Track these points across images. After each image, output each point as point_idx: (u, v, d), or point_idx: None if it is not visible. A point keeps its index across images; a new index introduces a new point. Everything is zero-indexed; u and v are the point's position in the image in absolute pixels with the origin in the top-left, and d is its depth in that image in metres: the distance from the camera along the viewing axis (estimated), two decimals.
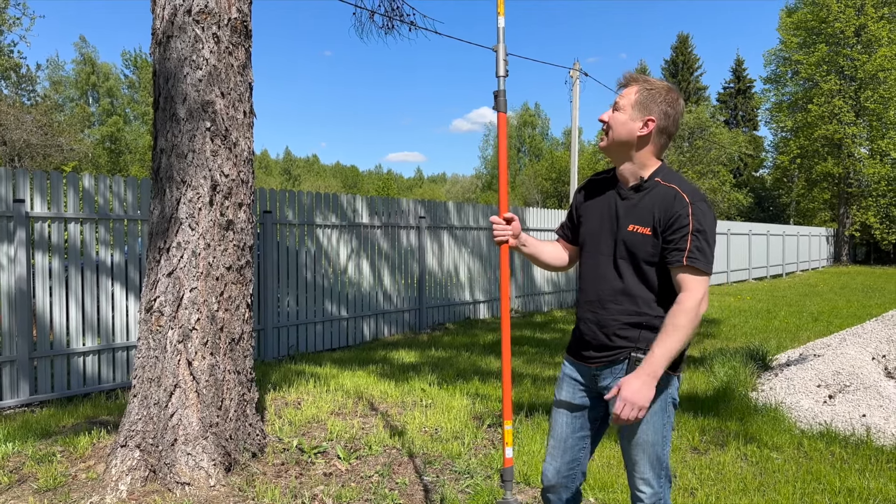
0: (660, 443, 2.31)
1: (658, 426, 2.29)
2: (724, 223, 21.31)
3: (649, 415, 2.25)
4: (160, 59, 3.80)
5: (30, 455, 4.13)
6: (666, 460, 2.34)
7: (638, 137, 2.28)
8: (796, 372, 6.14)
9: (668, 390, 2.31)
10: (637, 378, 2.16)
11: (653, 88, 2.29)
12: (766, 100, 40.64)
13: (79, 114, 43.84)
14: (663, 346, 2.15)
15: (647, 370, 2.15)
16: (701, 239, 2.18)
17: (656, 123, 2.27)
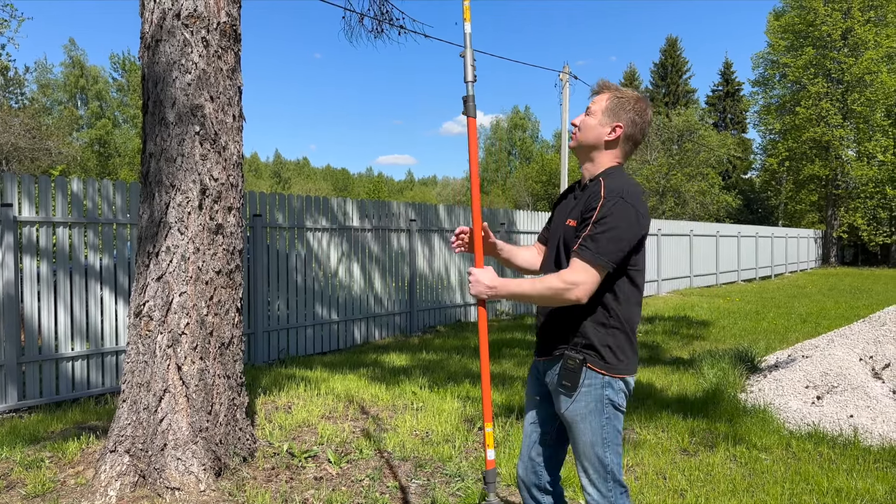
0: (599, 444, 2.30)
1: (595, 426, 2.29)
2: (713, 225, 21.43)
3: (584, 414, 2.29)
4: (149, 63, 3.79)
5: (18, 461, 4.10)
6: (612, 465, 2.31)
7: (605, 142, 2.38)
8: (785, 373, 6.18)
9: (603, 391, 2.30)
10: (490, 272, 2.36)
11: (623, 97, 2.39)
12: (754, 102, 40.93)
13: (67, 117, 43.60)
14: (522, 286, 2.30)
15: (500, 281, 2.33)
16: (599, 230, 2.19)
17: (623, 130, 2.37)
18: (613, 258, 2.20)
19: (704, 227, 20.56)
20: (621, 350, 2.30)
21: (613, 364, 2.29)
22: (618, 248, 2.20)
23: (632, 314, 2.33)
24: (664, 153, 36.57)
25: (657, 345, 9.30)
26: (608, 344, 2.28)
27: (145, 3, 3.82)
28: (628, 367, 2.32)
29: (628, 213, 2.22)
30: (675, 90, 50.36)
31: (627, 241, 2.21)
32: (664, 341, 9.63)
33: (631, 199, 2.24)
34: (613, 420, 2.31)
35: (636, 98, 2.39)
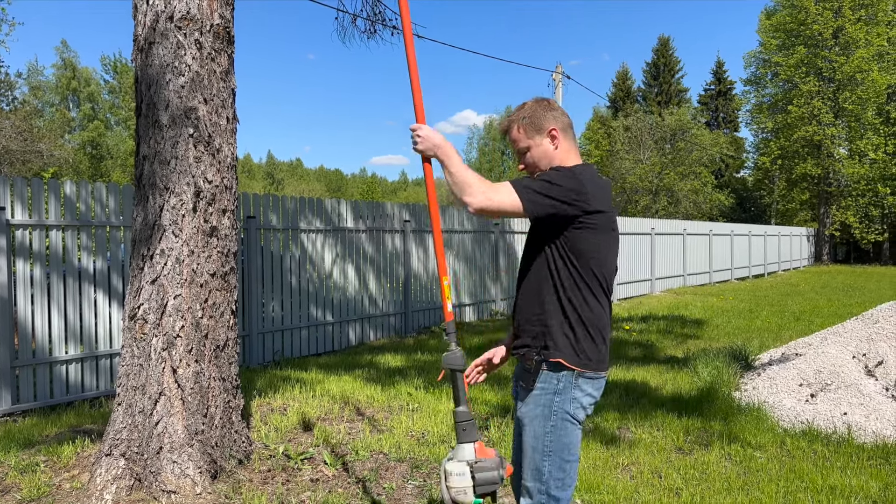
0: (539, 451, 2.23)
1: (539, 432, 2.24)
2: (706, 224, 21.50)
3: (531, 417, 2.26)
4: (142, 66, 3.78)
5: (13, 465, 4.08)
6: (549, 477, 2.23)
7: (553, 149, 2.37)
8: (778, 371, 6.21)
9: (554, 398, 2.23)
10: (437, 132, 2.29)
11: (526, 112, 2.40)
12: (746, 101, 41.13)
13: (59, 119, 43.42)
14: (456, 160, 2.23)
15: (446, 143, 2.27)
16: (540, 181, 2.20)
17: (557, 128, 2.37)
18: (537, 199, 2.15)
19: (698, 226, 20.62)
20: (577, 343, 2.22)
21: (570, 357, 2.22)
22: (546, 192, 2.15)
23: (594, 310, 2.25)
24: (657, 152, 36.68)
25: (651, 344, 9.33)
26: (566, 333, 2.23)
27: (138, 5, 3.81)
28: (588, 363, 2.23)
29: (567, 173, 2.24)
30: (668, 89, 50.46)
31: (558, 193, 2.16)
32: (658, 340, 9.66)
33: (577, 169, 2.27)
34: (560, 430, 2.23)
35: (534, 102, 2.42)
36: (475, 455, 2.18)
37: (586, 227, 2.20)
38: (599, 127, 48.46)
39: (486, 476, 2.13)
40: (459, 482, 2.14)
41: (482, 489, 2.13)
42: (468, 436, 2.21)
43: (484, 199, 2.15)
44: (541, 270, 2.29)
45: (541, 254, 2.29)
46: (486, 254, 12.27)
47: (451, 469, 2.16)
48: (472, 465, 2.15)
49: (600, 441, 4.77)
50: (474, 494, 2.13)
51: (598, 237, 2.24)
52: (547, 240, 2.26)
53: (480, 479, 2.13)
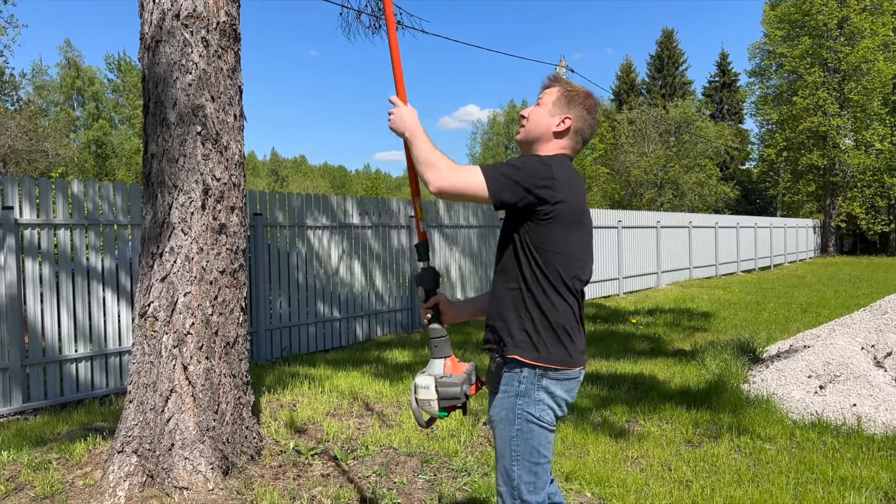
0: (507, 455, 2.19)
1: (505, 436, 2.20)
2: (711, 217, 21.45)
3: (496, 420, 2.23)
4: (149, 64, 3.79)
5: (26, 463, 4.11)
6: (518, 481, 2.18)
7: (553, 132, 2.30)
8: (787, 363, 6.20)
9: (517, 400, 2.17)
10: (414, 112, 2.27)
11: (573, 91, 2.34)
12: (751, 93, 40.99)
13: (64, 118, 43.51)
14: (424, 139, 2.18)
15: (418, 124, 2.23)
16: (506, 165, 2.13)
17: (573, 123, 2.30)
18: (502, 181, 2.07)
19: (703, 219, 20.57)
20: (538, 337, 2.15)
21: (529, 353, 2.15)
22: (509, 178, 2.08)
23: (557, 306, 2.16)
24: (661, 145, 36.60)
25: (659, 337, 9.32)
26: (525, 328, 2.16)
27: (144, 3, 3.82)
28: (549, 358, 2.15)
29: (537, 160, 2.17)
30: (672, 82, 50.31)
31: (525, 179, 2.08)
32: (665, 333, 9.66)
33: (548, 158, 2.20)
34: (526, 434, 2.16)
35: (586, 93, 2.35)
36: (444, 371, 2.25)
37: (551, 220, 2.12)
38: (604, 120, 48.37)
39: (449, 391, 2.20)
40: (425, 395, 2.23)
41: (445, 403, 2.21)
42: (440, 351, 2.30)
43: (444, 179, 2.08)
44: (507, 263, 2.24)
45: (508, 246, 2.23)
46: (491, 249, 12.27)
47: (419, 382, 2.24)
48: (438, 380, 2.22)
49: (609, 434, 4.78)
50: (438, 407, 2.22)
51: (563, 232, 2.15)
52: (514, 232, 2.20)
53: (443, 394, 2.20)
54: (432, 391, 2.20)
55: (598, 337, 9.42)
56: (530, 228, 2.14)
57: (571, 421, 5.04)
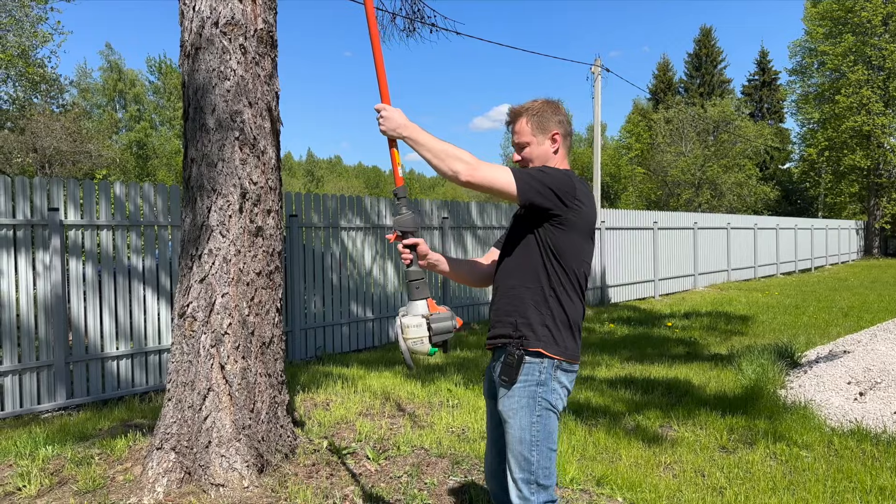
0: (528, 441, 2.29)
1: (525, 424, 2.29)
2: (750, 218, 21.09)
3: (516, 409, 2.31)
4: (189, 71, 3.88)
5: (69, 458, 4.25)
6: (537, 466, 2.29)
7: (553, 153, 2.46)
8: (826, 369, 6.09)
9: (537, 389, 2.29)
10: (401, 112, 2.33)
11: (538, 110, 2.47)
12: (791, 91, 40.22)
13: (107, 120, 44.52)
14: (426, 134, 2.28)
15: (410, 122, 2.31)
16: (536, 170, 2.29)
17: (560, 132, 2.46)
18: (533, 184, 2.21)
19: (742, 220, 20.24)
20: (558, 332, 2.31)
21: (551, 346, 2.29)
22: (540, 182, 2.22)
23: (574, 305, 2.35)
24: (699, 145, 36.04)
25: (695, 341, 9.21)
26: (546, 324, 2.30)
27: (184, 12, 3.91)
28: (565, 351, 2.31)
29: (561, 172, 2.30)
30: (710, 80, 49.56)
31: (553, 185, 2.23)
32: (702, 337, 9.54)
33: (568, 171, 2.35)
34: (545, 419, 2.30)
35: (546, 102, 2.49)
36: (428, 309, 2.31)
37: (571, 229, 2.29)
38: (640, 119, 47.87)
39: (442, 325, 2.28)
40: (416, 333, 2.28)
41: (437, 338, 2.28)
42: (421, 293, 2.35)
43: (474, 171, 2.19)
44: (524, 264, 2.37)
45: (525, 248, 2.36)
46: None
47: (408, 322, 2.29)
48: (428, 318, 2.28)
49: (642, 440, 4.75)
50: (430, 343, 2.28)
51: (580, 240, 2.33)
52: (532, 235, 2.33)
53: (437, 329, 2.27)
54: (424, 329, 2.27)
55: (632, 340, 9.34)
56: (552, 233, 2.29)
57: (604, 425, 5.02)
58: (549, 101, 2.50)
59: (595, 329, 10.64)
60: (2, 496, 3.78)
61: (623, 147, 50.16)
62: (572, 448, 4.50)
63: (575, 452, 4.45)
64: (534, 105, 2.48)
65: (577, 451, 4.49)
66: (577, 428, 4.93)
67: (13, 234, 5.85)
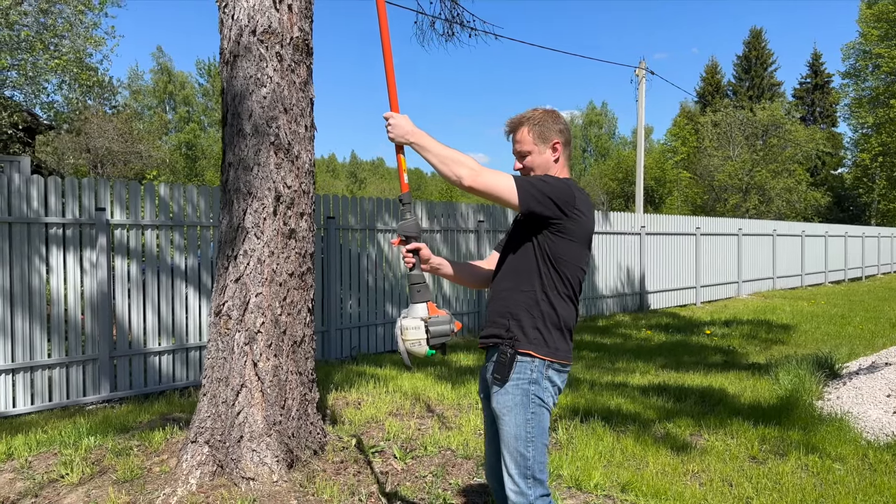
0: (523, 438, 2.36)
1: (520, 420, 2.36)
2: (797, 224, 20.60)
3: (510, 406, 2.37)
4: (228, 78, 4.02)
5: (110, 448, 4.42)
6: (533, 462, 2.36)
7: (553, 161, 2.52)
8: (865, 381, 5.95)
9: (530, 387, 2.36)
10: (408, 119, 2.41)
11: (538, 119, 2.52)
12: (844, 95, 39.18)
13: (157, 122, 45.77)
14: (432, 140, 2.36)
15: (417, 129, 2.39)
16: (538, 179, 2.37)
17: (560, 141, 2.51)
18: (533, 192, 2.27)
19: (788, 227, 19.79)
20: (549, 335, 2.38)
21: (541, 348, 2.37)
22: (540, 191, 2.28)
23: (567, 309, 2.41)
24: (747, 149, 35.31)
25: (733, 349, 9.07)
26: (537, 326, 2.38)
27: (224, 20, 4.05)
28: (556, 352, 2.38)
29: (561, 182, 2.37)
30: (760, 83, 48.58)
31: (553, 194, 2.29)
32: (741, 346, 9.39)
33: (568, 181, 2.41)
34: (539, 416, 2.38)
35: (545, 111, 2.56)
36: (428, 312, 2.39)
37: (569, 237, 2.36)
38: (686, 122, 47.16)
39: (440, 329, 2.36)
40: (415, 335, 2.37)
41: (435, 340, 2.37)
42: (422, 296, 2.44)
43: (477, 177, 2.26)
44: (520, 268, 2.44)
45: (522, 253, 2.44)
46: None
47: (407, 324, 2.38)
48: (427, 320, 2.36)
49: (670, 447, 4.72)
50: (427, 345, 2.37)
51: (577, 247, 2.40)
52: (530, 241, 2.41)
53: (434, 332, 2.36)
54: (422, 331, 2.36)
55: (669, 347, 9.25)
56: (550, 240, 2.37)
57: (633, 432, 5.01)
58: (548, 110, 2.56)
59: (632, 335, 10.56)
60: (46, 483, 3.97)
61: (669, 150, 49.48)
62: (599, 454, 4.51)
63: (601, 458, 4.45)
64: (534, 114, 2.54)
65: (603, 457, 4.49)
66: (606, 434, 4.92)
67: (63, 233, 6.10)
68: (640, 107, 22.38)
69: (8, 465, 4.28)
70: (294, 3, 4.03)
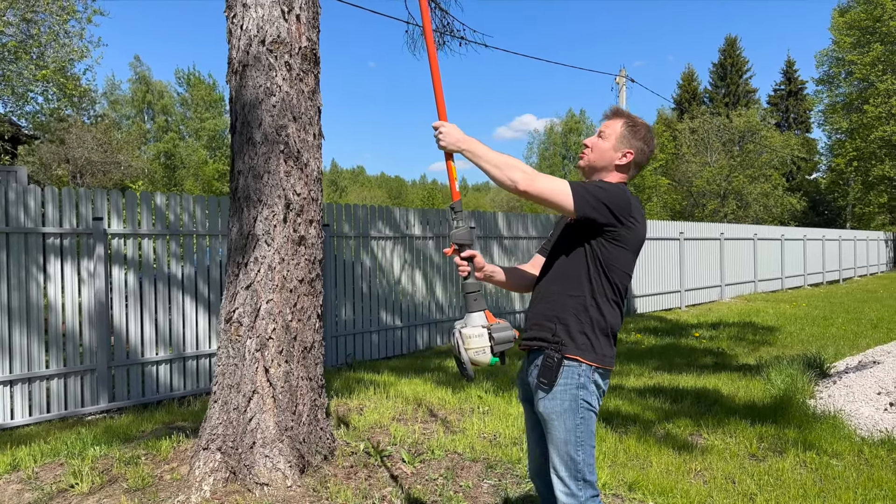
0: (573, 442, 2.38)
1: (570, 425, 2.37)
2: (777, 229, 20.94)
3: (559, 412, 2.38)
4: (237, 87, 4.06)
5: (117, 457, 4.42)
6: (583, 464, 2.39)
7: (616, 166, 2.54)
8: (855, 379, 6.10)
9: (578, 392, 2.37)
10: (457, 128, 2.42)
11: (636, 125, 2.54)
12: (818, 101, 39.80)
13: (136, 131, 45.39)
14: (484, 147, 2.38)
15: (468, 137, 2.39)
16: (593, 185, 2.35)
17: (633, 156, 2.52)
18: (589, 199, 2.28)
19: (768, 231, 20.12)
20: (596, 340, 2.39)
21: (589, 354, 2.38)
22: (596, 198, 2.29)
23: (614, 314, 2.44)
24: (725, 155, 35.79)
25: (723, 351, 9.22)
26: (585, 332, 2.39)
27: (232, 30, 4.10)
28: (603, 358, 2.40)
29: (618, 189, 2.37)
30: (735, 90, 49.32)
31: (609, 201, 2.30)
32: (730, 347, 9.54)
33: (624, 188, 2.41)
34: (588, 420, 2.40)
35: (646, 127, 2.55)
36: (487, 320, 2.38)
37: (622, 244, 2.38)
38: (664, 129, 47.68)
39: (504, 335, 2.33)
40: (479, 342, 2.33)
41: (500, 347, 2.34)
42: (478, 305, 2.41)
43: (532, 182, 2.27)
44: (569, 272, 2.44)
45: (573, 257, 2.44)
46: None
47: (469, 333, 2.35)
48: (489, 328, 2.34)
49: (672, 447, 4.81)
50: (491, 353, 2.34)
51: (629, 255, 2.43)
52: (582, 246, 2.41)
53: (499, 339, 2.33)
54: (486, 338, 2.33)
55: (660, 350, 9.38)
56: (603, 246, 2.38)
57: (634, 433, 5.09)
58: (650, 128, 2.57)
59: (622, 339, 10.68)
60: (56, 493, 3.96)
61: None
62: (603, 454, 4.59)
63: (606, 459, 4.53)
64: (636, 120, 2.56)
65: (608, 457, 4.57)
66: (608, 435, 5.01)
67: (60, 243, 6.08)
68: None
69: (14, 476, 4.26)
70: (302, 14, 4.09)
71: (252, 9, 3.99)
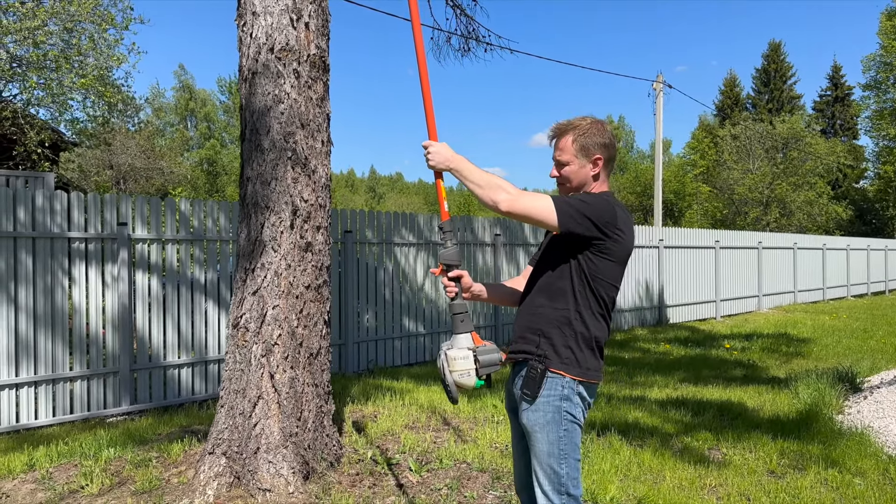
0: (556, 455, 2.32)
1: (553, 437, 2.32)
2: (819, 238, 20.39)
3: (542, 424, 2.33)
4: (247, 95, 4.10)
5: (129, 460, 4.49)
6: (566, 478, 2.33)
7: (592, 176, 2.46)
8: (887, 395, 5.88)
9: (562, 403, 2.32)
10: (447, 147, 2.40)
11: (585, 130, 2.45)
12: (865, 107, 38.76)
13: (178, 138, 46.40)
14: (471, 166, 2.35)
15: (456, 156, 2.38)
16: (577, 199, 2.30)
17: (603, 157, 2.45)
18: (572, 213, 2.23)
19: (810, 240, 19.59)
20: (581, 353, 2.34)
21: (573, 368, 2.33)
22: (579, 211, 2.24)
23: (600, 327, 2.38)
24: (767, 162, 35.03)
25: (753, 363, 8.98)
26: (569, 345, 2.34)
27: (242, 38, 4.14)
28: (587, 372, 2.35)
29: (602, 201, 2.32)
30: (779, 96, 48.26)
31: (593, 215, 2.25)
32: (761, 360, 9.29)
33: (609, 198, 2.36)
34: (571, 433, 2.34)
35: (593, 122, 2.47)
36: (473, 342, 2.35)
37: (608, 256, 2.33)
38: (705, 136, 46.90)
39: (489, 358, 2.31)
40: (463, 365, 2.31)
41: (485, 370, 2.32)
42: (465, 326, 2.38)
43: (515, 202, 2.24)
44: (554, 285, 2.39)
45: (558, 270, 2.39)
46: None
47: (455, 355, 2.32)
48: (475, 350, 2.32)
49: (688, 461, 4.69)
50: (476, 376, 2.31)
51: (615, 267, 2.37)
52: (568, 259, 2.36)
53: (484, 361, 2.31)
54: (471, 361, 2.31)
55: (688, 361, 9.18)
56: (589, 259, 2.33)
57: (650, 446, 4.98)
58: (597, 121, 2.48)
59: (650, 349, 10.49)
60: (66, 493, 4.03)
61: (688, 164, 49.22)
62: (615, 468, 4.49)
63: (618, 472, 4.43)
64: (582, 124, 2.47)
65: (620, 470, 4.47)
66: (623, 448, 4.90)
67: (85, 247, 6.21)
68: (657, 120, 22.33)
69: (30, 476, 4.35)
70: (311, 22, 4.11)
71: (261, 17, 4.03)
